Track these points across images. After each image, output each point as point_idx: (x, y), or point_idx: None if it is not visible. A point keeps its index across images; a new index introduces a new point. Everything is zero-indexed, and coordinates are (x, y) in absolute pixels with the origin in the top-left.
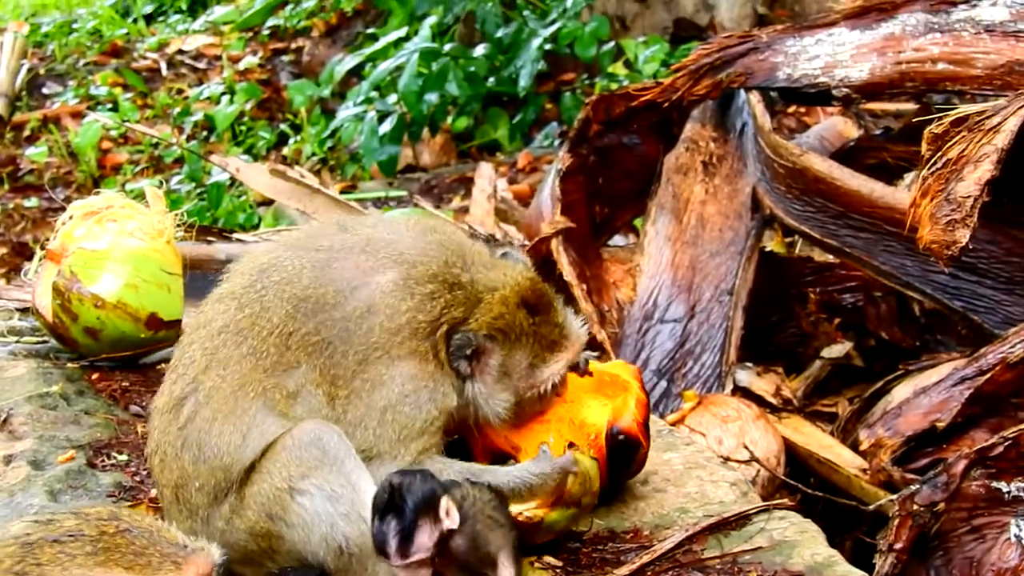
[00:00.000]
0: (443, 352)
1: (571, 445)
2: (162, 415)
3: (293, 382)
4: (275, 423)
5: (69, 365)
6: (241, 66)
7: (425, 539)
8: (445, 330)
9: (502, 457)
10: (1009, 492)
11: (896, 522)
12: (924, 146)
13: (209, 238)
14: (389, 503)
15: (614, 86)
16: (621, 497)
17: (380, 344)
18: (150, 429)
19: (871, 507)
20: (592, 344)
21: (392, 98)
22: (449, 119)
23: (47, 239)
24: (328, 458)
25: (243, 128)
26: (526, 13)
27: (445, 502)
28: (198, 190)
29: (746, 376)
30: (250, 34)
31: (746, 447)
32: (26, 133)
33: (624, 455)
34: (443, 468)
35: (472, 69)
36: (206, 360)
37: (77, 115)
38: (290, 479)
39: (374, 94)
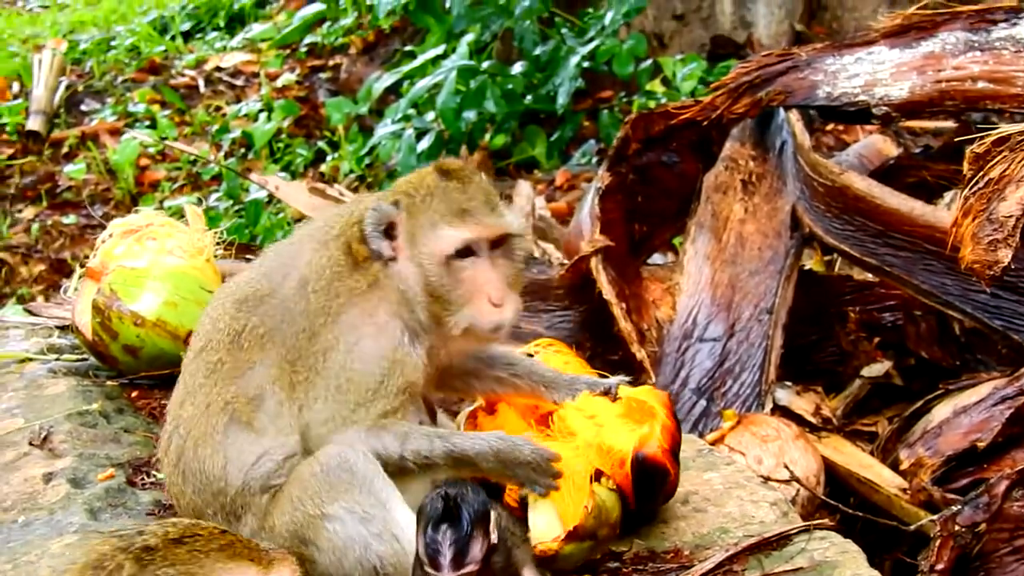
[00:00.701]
0: (365, 259)
1: (598, 472)
2: (165, 459)
3: (252, 386)
4: (243, 436)
5: (109, 383)
6: (279, 83)
7: (477, 551)
8: (357, 230)
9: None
10: None
11: (937, 543)
12: (966, 165)
13: (248, 256)
14: (444, 513)
15: (652, 104)
16: (661, 517)
17: (318, 308)
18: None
19: (912, 527)
20: (629, 364)
21: (430, 116)
22: (487, 136)
23: (86, 256)
24: (357, 479)
25: (281, 145)
26: (564, 31)
27: (495, 515)
28: (236, 207)
29: (786, 395)
30: (288, 51)
31: (786, 467)
32: (64, 150)
33: (650, 482)
34: (408, 432)
35: (510, 87)
36: (182, 394)
37: (115, 132)
38: (321, 505)
39: (412, 111)
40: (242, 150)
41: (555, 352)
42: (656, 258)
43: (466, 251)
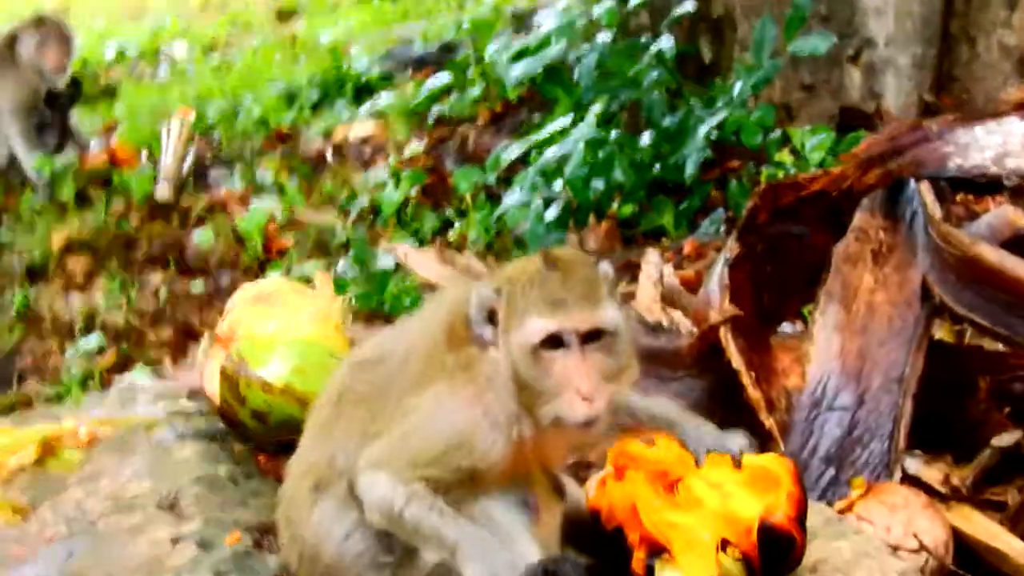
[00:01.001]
0: (463, 340)
1: (724, 542)
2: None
3: (333, 446)
4: (329, 503)
5: (237, 448)
6: (407, 153)
7: None
8: (462, 312)
9: (658, 550)
10: None
11: None
12: None
13: (376, 323)
14: None
15: (780, 174)
16: None
17: (412, 380)
18: None
19: None
20: (759, 432)
21: (558, 185)
22: (615, 206)
23: (214, 322)
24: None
25: (408, 214)
26: (692, 101)
27: None
28: (364, 274)
29: (915, 464)
30: (415, 120)
31: (915, 536)
32: (192, 219)
33: (777, 551)
34: (439, 507)
35: (638, 157)
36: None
37: (243, 200)
38: None
39: (539, 180)
40: (370, 218)
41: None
42: (785, 327)
43: (555, 342)
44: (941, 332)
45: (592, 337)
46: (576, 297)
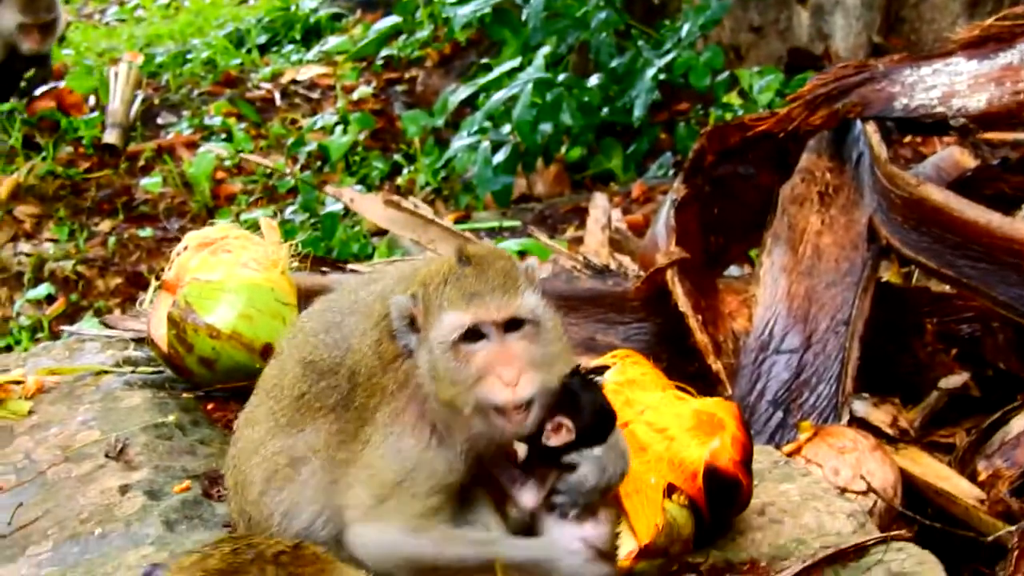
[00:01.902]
0: (395, 358)
1: (671, 487)
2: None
3: (298, 448)
4: (278, 492)
5: (184, 395)
6: (355, 96)
7: None
8: (386, 326)
9: None
10: None
11: (1015, 554)
12: None
13: (323, 268)
14: None
15: (729, 116)
16: (737, 529)
17: (361, 404)
18: None
19: (989, 539)
20: (705, 376)
21: (506, 128)
22: (563, 149)
23: (162, 269)
24: None
25: (357, 158)
26: (640, 43)
27: None
28: (312, 220)
29: (862, 407)
30: (363, 64)
31: (863, 478)
32: (140, 163)
33: (724, 494)
34: (449, 537)
35: (586, 99)
36: (245, 416)
37: (191, 145)
38: None
39: (488, 124)
40: (318, 163)
41: (632, 364)
42: (732, 270)
43: (474, 335)
44: (888, 274)
45: (512, 326)
46: (491, 288)
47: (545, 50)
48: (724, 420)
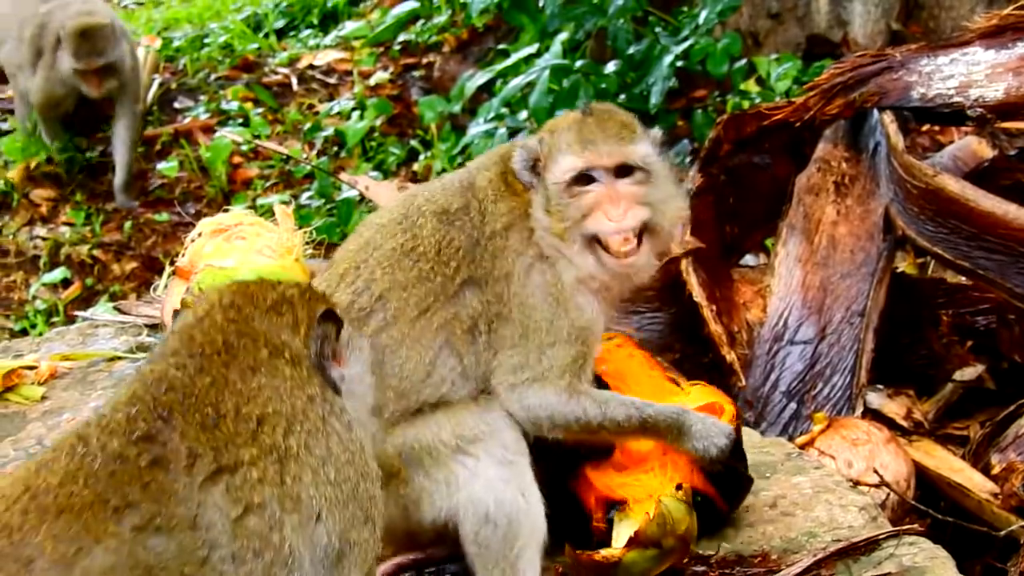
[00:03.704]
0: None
1: (679, 488)
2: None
3: (466, 315)
4: (454, 366)
5: None
6: (372, 81)
7: None
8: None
9: (612, 504)
10: None
11: None
12: None
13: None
14: None
15: (746, 103)
16: (748, 521)
17: (492, 232)
18: None
19: (1002, 533)
20: (719, 366)
21: (523, 114)
22: None
23: (177, 254)
24: (500, 435)
25: (373, 144)
26: (658, 30)
27: None
28: (328, 206)
29: (877, 398)
30: (381, 49)
31: (876, 471)
32: (157, 147)
33: (733, 481)
34: (608, 399)
35: (603, 86)
36: (387, 280)
37: (208, 130)
38: (460, 438)
39: (504, 110)
40: (335, 148)
41: (617, 346)
42: (748, 260)
43: (585, 178)
44: (904, 265)
45: (623, 172)
46: (606, 136)
47: (562, 36)
48: (723, 405)
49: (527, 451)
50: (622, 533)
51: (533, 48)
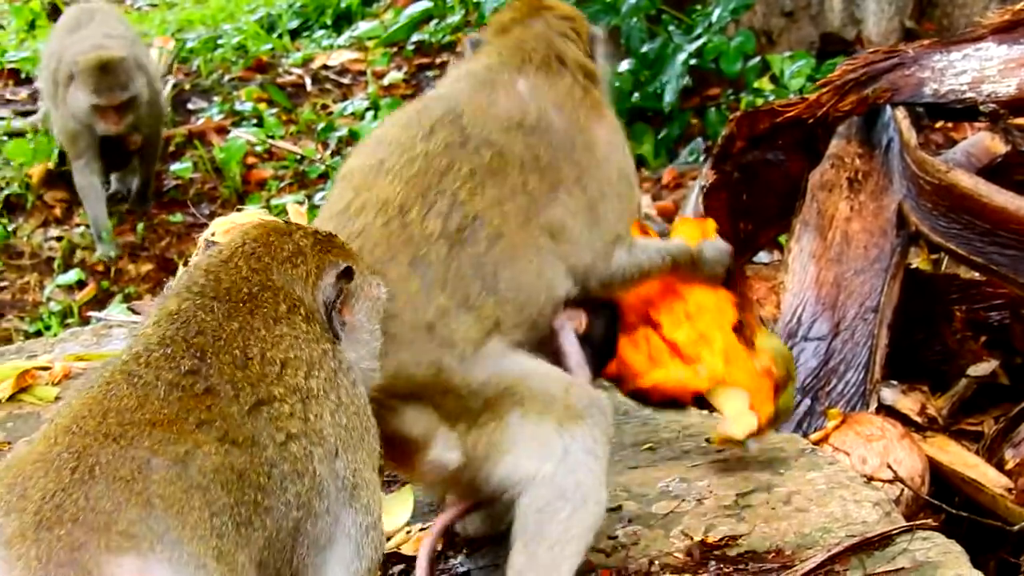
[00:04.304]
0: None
1: (738, 329)
2: (431, 241)
3: (558, 215)
4: (556, 264)
5: None
6: (385, 81)
7: None
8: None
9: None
10: None
11: None
12: None
13: None
14: None
15: (760, 101)
16: (763, 517)
17: (575, 127)
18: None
19: (1016, 528)
20: None
21: None
22: None
23: (191, 255)
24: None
25: None
26: (671, 28)
27: None
28: None
29: (891, 394)
30: (394, 49)
31: (889, 466)
32: (171, 148)
33: None
34: (659, 246)
35: (617, 84)
36: (479, 200)
37: (222, 130)
38: (568, 409)
39: None
40: (348, 148)
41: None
42: (761, 256)
43: None
44: (917, 261)
45: None
46: None
47: None
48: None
49: (609, 450)
50: (728, 402)
51: None
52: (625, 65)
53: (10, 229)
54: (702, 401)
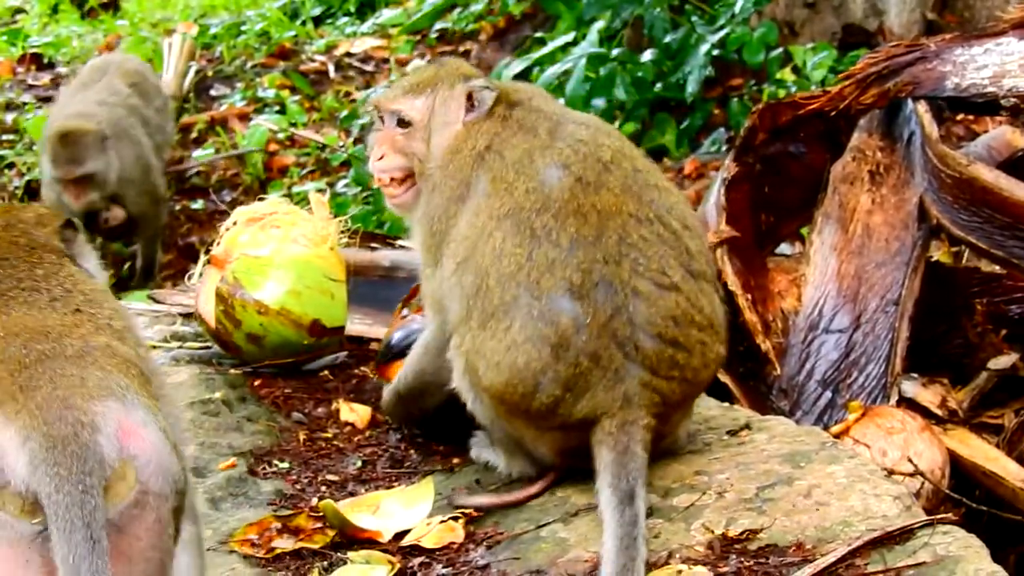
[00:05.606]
0: None
1: None
2: None
3: None
4: None
5: (232, 371)
6: (409, 69)
7: None
8: None
9: None
10: None
11: None
12: None
13: (373, 244)
14: None
15: (782, 92)
16: (783, 511)
17: None
18: None
19: None
20: (754, 355)
21: (560, 102)
22: (616, 124)
23: (212, 243)
24: None
25: None
26: (694, 18)
27: None
28: (364, 194)
29: (912, 387)
30: (418, 37)
31: (910, 460)
32: (193, 135)
33: None
34: None
35: (640, 74)
36: None
37: (244, 117)
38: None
39: None
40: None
41: None
42: (783, 248)
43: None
44: (938, 254)
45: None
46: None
47: (599, 25)
48: None
49: None
50: None
51: (570, 36)
52: (648, 55)
53: None
54: None
